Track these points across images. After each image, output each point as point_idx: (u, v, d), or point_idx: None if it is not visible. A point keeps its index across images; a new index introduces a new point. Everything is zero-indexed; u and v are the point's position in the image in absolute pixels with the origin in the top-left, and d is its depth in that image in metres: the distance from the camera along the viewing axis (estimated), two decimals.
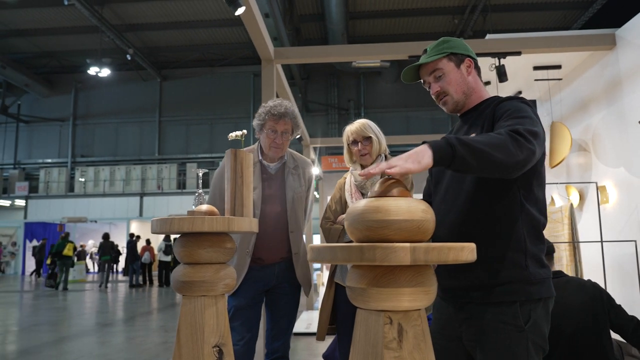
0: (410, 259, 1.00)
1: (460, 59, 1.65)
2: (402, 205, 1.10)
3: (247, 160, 1.83)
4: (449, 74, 1.63)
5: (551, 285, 1.51)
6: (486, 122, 1.54)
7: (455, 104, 1.66)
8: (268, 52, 4.52)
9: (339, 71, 22.94)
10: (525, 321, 1.42)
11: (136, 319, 8.04)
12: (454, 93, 1.64)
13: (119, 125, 25.02)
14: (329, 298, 2.42)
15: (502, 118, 1.47)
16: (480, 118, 1.59)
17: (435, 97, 1.68)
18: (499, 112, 1.51)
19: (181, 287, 1.69)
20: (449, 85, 1.63)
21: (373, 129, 2.49)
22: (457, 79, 1.63)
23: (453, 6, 17.85)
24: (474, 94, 1.66)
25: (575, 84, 5.75)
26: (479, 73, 1.70)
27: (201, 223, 1.62)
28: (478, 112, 1.63)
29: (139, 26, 19.52)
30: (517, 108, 1.48)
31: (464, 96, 1.65)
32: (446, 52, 1.63)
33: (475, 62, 1.68)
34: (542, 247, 1.51)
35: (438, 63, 1.64)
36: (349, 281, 1.17)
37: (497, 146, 1.26)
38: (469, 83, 1.65)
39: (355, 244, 1.05)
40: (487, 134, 1.33)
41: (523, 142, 1.30)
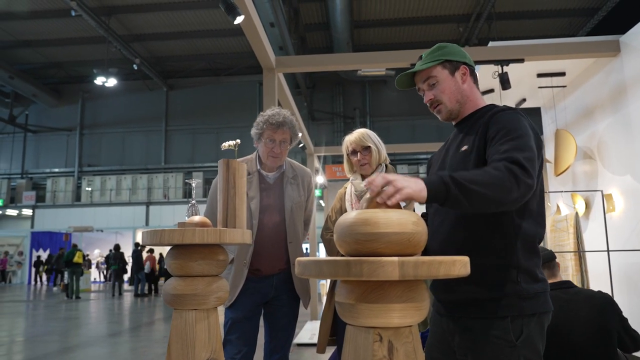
0: (399, 273, 0.96)
1: (455, 66, 1.60)
2: (392, 217, 1.06)
3: (240, 171, 1.80)
4: (443, 82, 1.59)
5: (547, 300, 1.47)
6: (479, 133, 1.50)
7: (449, 112, 1.63)
8: (269, 61, 4.50)
9: (344, 80, 22.95)
10: (517, 336, 1.39)
11: (140, 329, 8.00)
12: (448, 102, 1.61)
13: (126, 134, 25.14)
14: (329, 310, 2.37)
15: (497, 138, 1.42)
16: (474, 127, 1.55)
17: (428, 105, 1.66)
18: (493, 129, 1.46)
19: (172, 300, 1.65)
20: (443, 93, 1.60)
21: (372, 138, 2.47)
22: (451, 87, 1.59)
23: (458, 14, 17.84)
24: (468, 102, 1.62)
25: (580, 91, 5.69)
26: (475, 80, 1.66)
27: (192, 235, 1.58)
28: (472, 121, 1.59)
29: (145, 36, 19.64)
30: (511, 126, 1.43)
31: (457, 105, 1.61)
32: (440, 60, 1.59)
33: (471, 70, 1.64)
34: (536, 260, 1.47)
35: (432, 70, 1.60)
36: (338, 296, 1.13)
37: (493, 185, 1.24)
38: (463, 91, 1.61)
39: (342, 258, 1.02)
40: (484, 170, 1.29)
41: (521, 178, 1.27)
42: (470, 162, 1.47)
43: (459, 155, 1.54)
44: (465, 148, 1.52)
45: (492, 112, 1.53)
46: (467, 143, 1.53)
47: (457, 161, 1.53)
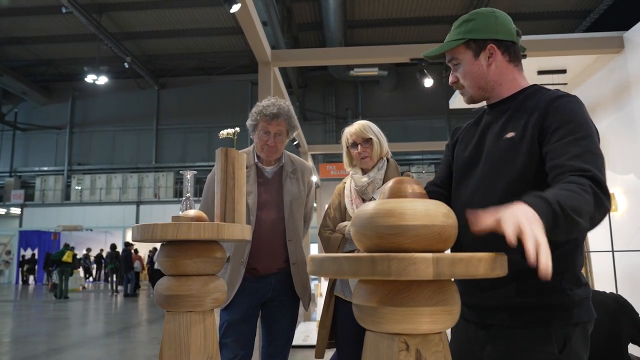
0: (433, 272, 0.83)
1: (480, 46, 1.36)
2: (419, 207, 0.93)
3: (239, 160, 1.66)
4: (465, 65, 1.39)
5: (591, 307, 1.29)
6: (532, 119, 1.28)
7: (470, 98, 1.44)
8: (265, 55, 4.36)
9: (336, 80, 22.84)
10: (560, 348, 1.21)
11: (130, 330, 7.82)
12: (469, 87, 1.41)
13: (116, 133, 24.85)
14: (328, 313, 2.22)
15: (561, 132, 1.20)
16: (521, 111, 1.32)
17: (452, 85, 1.47)
18: (554, 118, 1.23)
19: (165, 302, 1.50)
20: (465, 77, 1.40)
21: (374, 130, 2.32)
22: (473, 71, 1.38)
23: (451, 15, 17.80)
24: (499, 86, 1.39)
25: (581, 89, 5.59)
26: (513, 57, 1.39)
27: (187, 230, 1.44)
28: (516, 103, 1.36)
29: (136, 34, 19.40)
30: (578, 119, 1.22)
31: (481, 91, 1.41)
32: (464, 39, 1.37)
33: (503, 45, 1.37)
34: (581, 261, 1.29)
35: (454, 52, 1.41)
36: (356, 298, 0.99)
37: (589, 216, 1.05)
38: (489, 76, 1.38)
39: (366, 254, 0.87)
40: (579, 194, 1.05)
41: (605, 205, 1.09)
42: (519, 152, 1.27)
43: (503, 142, 1.32)
44: (512, 135, 1.30)
45: (548, 96, 1.30)
46: (513, 129, 1.31)
47: (501, 149, 1.31)
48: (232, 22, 18.28)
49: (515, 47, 1.39)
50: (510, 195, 1.20)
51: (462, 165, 1.43)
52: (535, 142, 1.25)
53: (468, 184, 1.38)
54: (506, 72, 1.39)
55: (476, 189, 1.35)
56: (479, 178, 1.35)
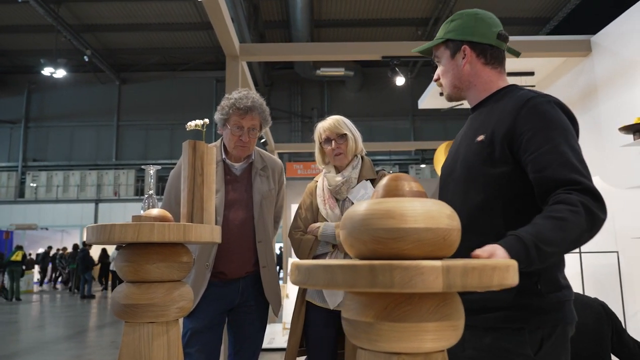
0: (443, 284, 0.71)
1: (457, 46, 1.42)
2: (421, 208, 0.81)
3: (209, 155, 1.51)
4: (444, 64, 1.46)
5: (571, 309, 1.27)
6: (501, 122, 1.27)
7: (448, 96, 1.49)
8: (233, 48, 4.19)
9: (303, 79, 22.73)
10: (535, 350, 1.19)
11: (86, 333, 7.48)
12: (446, 85, 1.47)
13: (75, 128, 23.99)
14: (299, 320, 2.09)
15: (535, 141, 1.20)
16: (491, 113, 1.33)
17: (435, 82, 1.54)
18: (525, 126, 1.22)
19: (123, 312, 1.34)
20: (443, 75, 1.47)
21: (348, 125, 2.21)
22: (449, 70, 1.44)
23: (417, 17, 18.00)
24: (473, 87, 1.42)
25: (548, 91, 5.62)
26: (490, 59, 1.40)
27: (149, 231, 1.28)
28: (487, 106, 1.38)
29: (97, 27, 18.76)
30: (552, 124, 1.21)
31: (455, 90, 1.45)
32: (442, 39, 1.45)
33: (479, 48, 1.39)
34: (560, 265, 1.30)
35: (436, 49, 1.48)
36: (347, 311, 0.86)
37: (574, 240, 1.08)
38: (462, 76, 1.42)
39: (363, 262, 0.75)
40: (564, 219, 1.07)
41: (600, 218, 1.10)
42: (489, 155, 1.27)
43: (474, 145, 1.32)
44: (482, 138, 1.30)
45: (517, 98, 1.29)
46: (483, 132, 1.31)
47: (473, 153, 1.32)
48: (198, 17, 17.92)
49: (494, 50, 1.40)
50: (486, 200, 1.26)
51: (444, 172, 1.46)
52: (506, 147, 1.25)
53: (449, 191, 1.39)
54: (481, 74, 1.41)
55: (454, 196, 1.34)
56: (456, 184, 1.36)
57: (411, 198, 0.85)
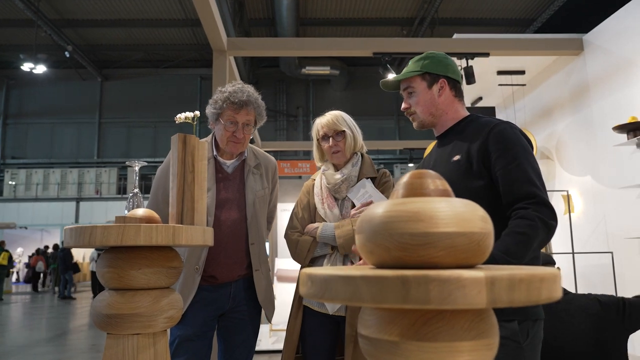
0: (487, 299, 0.61)
1: (434, 79, 1.65)
2: (453, 210, 0.70)
3: (200, 150, 1.39)
4: (419, 94, 1.66)
5: (541, 308, 1.52)
6: (475, 144, 1.51)
7: (421, 123, 1.70)
8: (221, 42, 4.06)
9: (288, 77, 22.56)
10: (524, 339, 1.42)
11: (66, 336, 7.27)
12: (420, 113, 1.67)
13: (55, 125, 23.49)
14: (295, 326, 1.97)
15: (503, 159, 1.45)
16: (463, 137, 1.57)
17: (404, 111, 1.73)
18: (494, 147, 1.48)
19: (105, 323, 1.21)
20: (417, 105, 1.67)
21: (347, 122, 2.10)
22: (426, 99, 1.65)
23: (402, 17, 17.98)
24: (445, 115, 1.67)
25: (539, 90, 5.61)
26: (457, 93, 1.69)
27: (135, 233, 1.15)
28: (457, 131, 1.63)
29: (78, 22, 18.35)
30: (516, 147, 1.46)
31: (430, 117, 1.67)
32: (421, 71, 1.65)
33: (452, 83, 1.67)
34: (539, 262, 1.53)
35: (411, 81, 1.67)
36: (365, 328, 0.75)
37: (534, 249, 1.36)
38: (439, 105, 1.66)
39: (392, 272, 0.64)
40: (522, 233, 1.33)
41: (551, 224, 1.36)
42: (466, 172, 1.51)
43: (451, 164, 1.56)
44: (458, 158, 1.55)
45: (487, 124, 1.54)
46: (458, 153, 1.56)
47: (450, 170, 1.53)
48: (182, 14, 17.66)
49: (459, 86, 1.70)
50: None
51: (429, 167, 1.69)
52: (481, 164, 1.49)
53: None
54: (452, 104, 1.67)
55: None
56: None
57: (439, 198, 0.75)
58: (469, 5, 16.92)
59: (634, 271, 4.11)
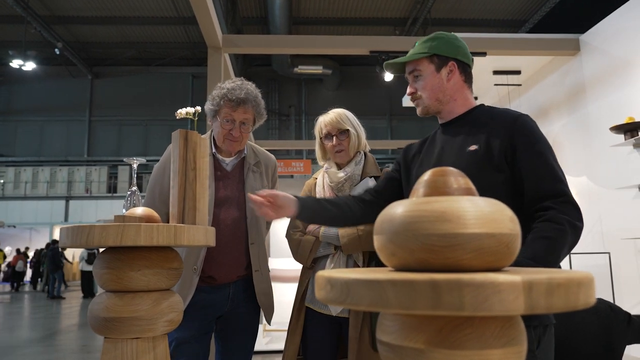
0: (525, 304, 0.57)
1: (443, 61, 1.52)
2: (481, 209, 0.66)
3: (202, 147, 1.34)
4: (426, 78, 1.53)
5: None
6: (496, 135, 1.41)
7: (425, 109, 1.57)
8: (216, 39, 4.00)
9: (280, 76, 22.49)
10: (536, 346, 1.33)
11: (55, 336, 7.16)
12: (427, 98, 1.55)
13: (45, 123, 23.23)
14: (297, 327, 1.93)
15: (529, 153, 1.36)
16: (479, 129, 1.46)
17: (410, 97, 1.61)
18: (519, 139, 1.38)
19: (103, 327, 1.15)
20: (424, 89, 1.54)
21: (351, 120, 2.07)
22: (433, 83, 1.53)
23: (395, 17, 17.99)
24: (453, 101, 1.54)
25: (534, 91, 5.60)
26: (467, 78, 1.56)
27: (135, 233, 1.10)
28: (468, 120, 1.52)
29: (69, 19, 18.16)
30: (541, 141, 1.39)
31: (437, 103, 1.55)
32: (429, 53, 1.52)
33: (462, 66, 1.54)
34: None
35: (418, 63, 1.55)
36: (386, 334, 0.71)
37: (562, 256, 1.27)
38: (446, 90, 1.53)
39: (422, 276, 0.59)
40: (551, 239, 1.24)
41: (579, 227, 1.29)
42: (485, 163, 1.40)
43: (466, 154, 1.44)
44: (475, 148, 1.43)
45: (509, 115, 1.46)
46: (474, 143, 1.44)
47: (465, 161, 1.42)
48: (174, 12, 17.53)
49: (469, 71, 1.56)
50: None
51: (411, 162, 1.56)
52: (503, 157, 1.38)
53: None
54: (461, 90, 1.54)
55: None
56: None
57: (465, 197, 0.70)
58: (461, 6, 16.96)
59: (631, 272, 4.11)
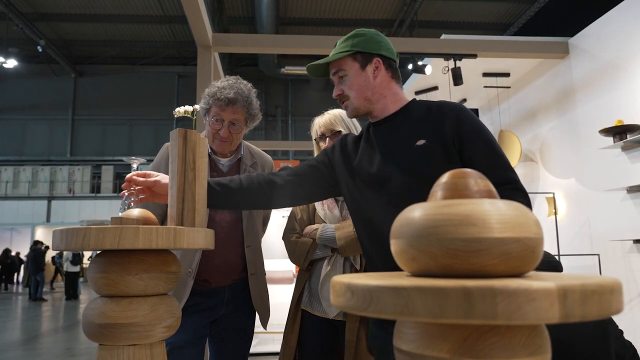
0: (560, 313, 0.54)
1: (367, 59, 1.45)
2: (505, 212, 0.64)
3: (201, 146, 1.29)
4: (352, 77, 1.46)
5: None
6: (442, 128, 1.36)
7: (355, 110, 1.49)
8: (206, 37, 3.95)
9: (267, 77, 22.40)
10: None
11: (38, 339, 7.03)
12: (355, 98, 1.47)
13: (26, 122, 22.84)
14: (293, 329, 1.89)
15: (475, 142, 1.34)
16: (421, 123, 1.40)
17: (337, 99, 1.52)
18: (464, 129, 1.35)
19: (98, 333, 1.11)
20: (351, 89, 1.46)
21: (346, 122, 2.05)
22: (360, 82, 1.45)
23: (382, 19, 18.04)
24: (383, 98, 1.47)
25: (523, 93, 5.63)
26: (394, 74, 1.50)
27: (133, 236, 1.06)
28: (405, 116, 1.45)
29: (52, 16, 17.89)
30: (485, 130, 1.37)
31: (366, 102, 1.47)
32: (351, 51, 1.44)
33: (387, 62, 1.47)
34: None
35: (341, 63, 1.47)
36: (405, 343, 0.68)
37: None
38: (375, 87, 1.46)
39: (452, 283, 0.57)
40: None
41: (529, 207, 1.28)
42: (436, 156, 1.35)
43: (415, 149, 1.37)
44: (423, 142, 1.37)
45: (450, 106, 1.41)
46: (420, 137, 1.38)
47: (417, 156, 1.36)
48: (160, 10, 17.37)
49: (395, 65, 1.51)
50: None
51: (372, 181, 1.44)
52: (451, 147, 1.34)
53: (384, 198, 1.39)
54: (389, 86, 1.48)
55: (399, 200, 1.28)
56: (400, 188, 1.37)
57: (487, 200, 0.68)
58: (448, 8, 17.07)
59: (619, 273, 4.14)
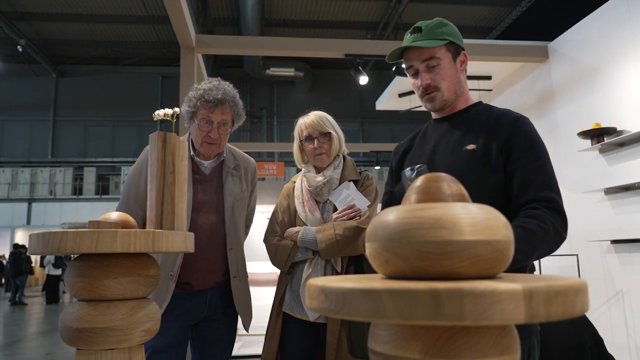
0: (525, 313, 0.56)
1: (457, 50, 1.42)
2: (476, 215, 0.66)
3: (180, 150, 1.29)
4: (446, 67, 1.39)
5: None
6: (494, 135, 1.33)
7: (443, 102, 1.43)
8: (189, 39, 3.94)
9: (252, 78, 22.40)
10: (526, 358, 1.25)
11: (18, 344, 6.92)
12: (446, 90, 1.41)
13: (5, 122, 22.46)
14: (274, 333, 1.90)
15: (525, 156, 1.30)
16: (477, 127, 1.37)
17: (421, 89, 1.42)
18: (518, 140, 1.31)
19: (75, 338, 1.10)
20: (443, 79, 1.39)
21: (332, 123, 2.07)
22: (452, 74, 1.40)
23: (367, 21, 18.16)
24: (462, 95, 1.45)
25: (504, 96, 5.70)
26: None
27: (111, 240, 1.06)
28: (468, 117, 1.42)
29: (33, 15, 17.67)
30: (540, 145, 1.34)
31: (454, 96, 1.43)
32: (446, 40, 1.38)
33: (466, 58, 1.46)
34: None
35: (437, 51, 1.38)
36: (378, 344, 0.69)
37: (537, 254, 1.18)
38: (462, 82, 1.44)
39: (421, 285, 0.58)
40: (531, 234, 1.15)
41: (563, 237, 1.22)
42: (483, 163, 1.32)
43: (463, 153, 1.34)
44: (473, 147, 1.34)
45: (509, 116, 1.38)
46: (472, 142, 1.35)
47: (463, 160, 1.34)
48: (143, 10, 17.24)
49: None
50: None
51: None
52: (500, 157, 1.31)
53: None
54: (464, 85, 1.47)
55: None
56: None
57: (459, 203, 0.69)
58: (431, 11, 17.22)
59: (597, 273, 4.21)
